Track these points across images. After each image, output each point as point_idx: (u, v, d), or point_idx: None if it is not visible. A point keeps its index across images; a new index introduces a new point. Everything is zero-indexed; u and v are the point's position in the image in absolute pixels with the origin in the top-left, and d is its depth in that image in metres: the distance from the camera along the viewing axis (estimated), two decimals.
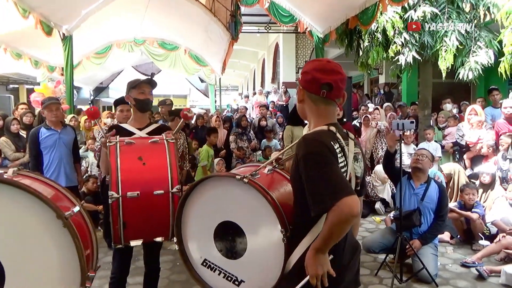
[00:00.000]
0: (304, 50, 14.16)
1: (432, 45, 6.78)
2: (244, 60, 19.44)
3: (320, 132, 1.55)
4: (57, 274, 1.68)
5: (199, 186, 1.94)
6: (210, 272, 1.94)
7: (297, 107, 1.73)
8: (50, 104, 4.30)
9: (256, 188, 1.70)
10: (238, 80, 26.39)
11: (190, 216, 2.01)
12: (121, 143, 2.20)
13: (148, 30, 10.04)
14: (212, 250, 1.90)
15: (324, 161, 1.44)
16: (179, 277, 4.02)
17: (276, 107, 11.84)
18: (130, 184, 2.08)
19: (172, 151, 2.29)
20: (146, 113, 2.87)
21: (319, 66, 1.59)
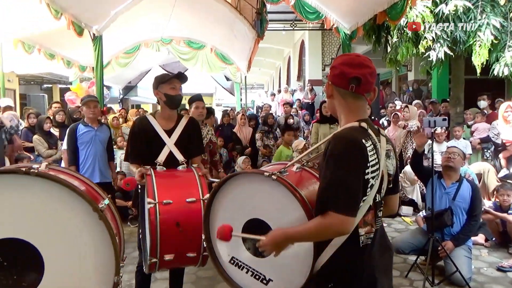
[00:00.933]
0: (330, 47, 14.00)
1: (464, 40, 6.55)
2: (269, 58, 19.41)
3: (351, 129, 1.51)
4: (93, 264, 1.74)
5: (227, 184, 1.94)
6: (238, 270, 1.92)
7: (327, 102, 1.71)
8: (89, 101, 4.46)
9: (284, 185, 1.67)
10: (263, 78, 26.38)
11: (218, 214, 2.01)
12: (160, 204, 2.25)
13: (174, 29, 10.16)
14: (240, 248, 1.89)
15: (343, 166, 1.42)
16: (206, 273, 4.04)
17: (302, 105, 11.76)
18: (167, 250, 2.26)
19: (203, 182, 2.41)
20: (175, 110, 2.82)
21: (347, 60, 1.57)
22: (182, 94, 2.84)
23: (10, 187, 1.65)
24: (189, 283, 3.69)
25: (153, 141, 2.67)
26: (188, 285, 3.61)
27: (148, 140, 2.66)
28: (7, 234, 1.62)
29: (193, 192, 2.36)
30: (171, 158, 2.64)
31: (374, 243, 1.56)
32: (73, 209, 1.68)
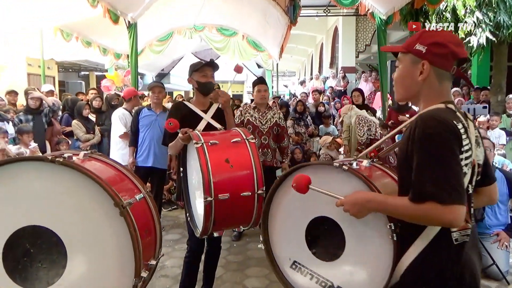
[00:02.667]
0: (364, 33, 13.65)
1: (509, 24, 6.22)
2: (301, 45, 19.16)
3: (438, 110, 1.33)
4: (114, 261, 1.69)
5: (288, 179, 1.76)
6: (301, 276, 1.73)
7: (407, 85, 1.43)
8: (154, 87, 4.63)
9: (357, 176, 1.51)
10: (295, 66, 26.12)
11: (278, 212, 1.83)
12: (207, 144, 2.23)
13: (207, 16, 10.20)
14: (303, 250, 1.70)
15: (441, 147, 1.23)
16: (235, 258, 4.12)
17: (334, 92, 11.58)
18: (221, 188, 2.13)
19: (254, 152, 2.30)
20: (208, 96, 2.89)
21: (453, 39, 1.40)
22: (215, 82, 2.89)
23: (36, 175, 1.66)
24: (219, 266, 3.75)
25: (191, 119, 2.72)
26: (218, 268, 3.67)
27: (186, 120, 2.70)
28: (33, 222, 1.64)
29: (237, 135, 2.36)
30: (210, 129, 2.69)
31: (468, 244, 1.34)
32: (97, 201, 1.65)
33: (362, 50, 13.78)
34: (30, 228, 1.65)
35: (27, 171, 1.67)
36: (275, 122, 4.57)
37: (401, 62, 1.45)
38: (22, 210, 1.66)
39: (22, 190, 1.66)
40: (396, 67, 1.49)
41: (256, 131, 4.45)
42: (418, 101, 1.44)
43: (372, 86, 10.86)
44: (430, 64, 1.37)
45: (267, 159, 4.48)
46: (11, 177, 1.66)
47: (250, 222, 2.34)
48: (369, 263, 1.52)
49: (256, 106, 4.58)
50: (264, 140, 4.49)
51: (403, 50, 1.43)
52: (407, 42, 1.45)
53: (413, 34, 1.46)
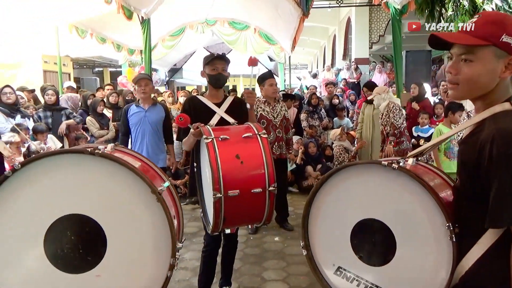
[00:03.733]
0: (378, 23, 13.46)
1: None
2: (313, 37, 19.02)
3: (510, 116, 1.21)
4: (151, 244, 1.80)
5: (331, 179, 1.69)
6: (347, 283, 1.65)
7: (485, 85, 1.26)
8: (139, 80, 4.23)
9: (410, 175, 1.42)
10: (307, 58, 25.95)
11: (320, 215, 1.76)
12: (217, 139, 2.20)
13: (219, 10, 10.18)
14: (348, 255, 1.63)
15: None
16: (252, 250, 4.15)
17: (347, 84, 11.49)
18: (231, 184, 2.10)
19: (266, 147, 2.26)
20: (220, 89, 2.91)
21: None
22: (227, 74, 2.88)
23: (77, 166, 1.74)
24: (237, 259, 3.78)
25: (204, 113, 2.74)
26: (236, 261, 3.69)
27: (199, 115, 2.71)
28: (74, 210, 1.72)
29: (249, 129, 2.32)
30: (223, 123, 2.70)
31: None
32: (134, 190, 1.74)
33: (376, 41, 13.59)
34: (72, 217, 1.73)
35: (68, 163, 1.75)
36: (283, 115, 4.61)
37: (476, 56, 1.24)
38: (64, 200, 1.75)
39: (63, 181, 1.75)
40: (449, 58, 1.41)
41: (270, 125, 4.47)
42: (480, 100, 1.30)
43: (386, 77, 10.73)
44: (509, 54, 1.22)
45: (283, 152, 4.52)
46: (53, 169, 1.74)
47: (262, 220, 2.31)
48: (424, 267, 1.43)
49: (266, 100, 4.59)
50: (278, 134, 4.51)
51: (483, 43, 1.22)
52: (484, 31, 1.23)
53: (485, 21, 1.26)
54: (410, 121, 6.40)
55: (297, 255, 3.90)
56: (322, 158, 6.93)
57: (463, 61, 1.27)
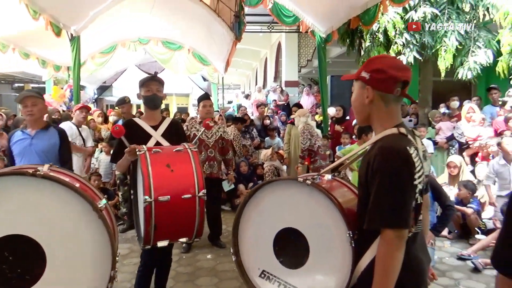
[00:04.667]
0: (306, 49, 14.29)
1: (432, 45, 6.92)
2: (246, 59, 19.57)
3: (394, 138, 1.47)
4: (91, 259, 1.84)
5: (257, 193, 1.91)
6: (269, 284, 1.85)
7: (358, 108, 1.60)
8: (24, 98, 3.26)
9: (319, 190, 1.64)
10: (240, 79, 26.52)
11: (248, 225, 1.96)
12: (149, 152, 2.32)
13: (152, 30, 10.19)
14: (271, 260, 1.83)
15: (395, 182, 1.38)
16: (185, 269, 4.18)
17: (278, 106, 11.98)
18: (161, 189, 2.18)
19: (196, 158, 2.40)
20: (157, 110, 2.95)
21: (393, 63, 1.53)
22: (162, 95, 2.92)
23: (17, 187, 1.76)
24: (169, 278, 3.80)
25: (141, 136, 2.77)
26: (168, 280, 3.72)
27: (135, 138, 2.75)
28: (13, 231, 1.73)
29: (181, 146, 2.47)
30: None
31: (414, 244, 1.50)
32: (74, 209, 1.80)
33: (304, 65, 14.39)
34: (10, 238, 1.73)
35: (8, 184, 1.76)
36: (220, 136, 4.75)
37: (354, 88, 1.61)
38: (4, 221, 1.74)
39: (5, 202, 1.76)
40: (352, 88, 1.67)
41: (203, 145, 4.59)
42: (372, 124, 1.59)
43: (314, 99, 11.37)
44: (373, 89, 1.52)
45: (214, 171, 4.63)
46: None
47: (194, 230, 2.37)
48: (331, 268, 1.65)
49: (201, 121, 4.73)
50: (210, 153, 4.63)
51: (354, 77, 1.59)
52: (358, 70, 1.61)
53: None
54: (334, 141, 6.91)
55: (229, 271, 4.02)
56: (254, 176, 7.15)
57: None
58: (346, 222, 1.56)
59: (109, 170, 6.31)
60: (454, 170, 5.29)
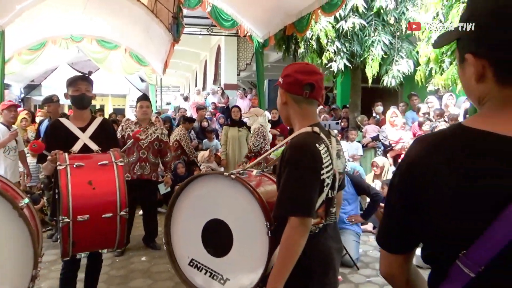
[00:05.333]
0: (245, 53, 14.51)
1: (360, 53, 7.40)
2: (186, 61, 19.41)
3: (305, 135, 1.60)
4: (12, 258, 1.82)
5: (188, 186, 2.01)
6: (197, 271, 1.97)
7: (280, 110, 1.77)
8: None
9: (242, 183, 1.77)
10: (179, 81, 26.19)
11: (179, 216, 2.06)
12: (71, 166, 2.25)
13: (86, 27, 9.77)
14: (199, 249, 1.95)
15: (301, 174, 1.50)
16: (118, 272, 4.11)
17: (217, 108, 12.06)
18: (80, 209, 2.16)
19: (121, 174, 2.37)
20: (85, 110, 2.89)
21: (300, 68, 1.67)
22: (91, 95, 2.87)
23: None
24: (101, 282, 3.72)
25: (67, 139, 2.70)
26: (100, 284, 3.64)
27: (61, 140, 2.69)
28: None
29: (106, 157, 2.42)
30: (86, 150, 2.70)
31: (324, 233, 1.63)
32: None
33: (244, 69, 14.61)
34: None
35: None
36: (156, 138, 4.71)
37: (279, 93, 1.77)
38: None
39: None
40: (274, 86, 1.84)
41: (135, 146, 4.53)
42: (292, 124, 1.73)
43: (249, 102, 11.60)
44: (285, 91, 1.69)
45: (145, 173, 4.59)
46: None
47: (114, 244, 2.38)
48: (251, 257, 1.78)
49: (137, 122, 4.69)
50: (142, 154, 4.58)
51: (277, 84, 1.75)
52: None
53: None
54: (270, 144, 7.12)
55: (164, 272, 4.02)
56: None
57: None
58: (264, 213, 1.69)
59: (35, 173, 5.99)
60: (377, 170, 5.73)
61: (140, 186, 4.58)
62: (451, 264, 0.79)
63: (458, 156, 0.79)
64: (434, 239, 0.84)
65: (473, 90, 0.86)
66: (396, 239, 0.95)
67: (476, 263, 0.75)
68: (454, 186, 0.78)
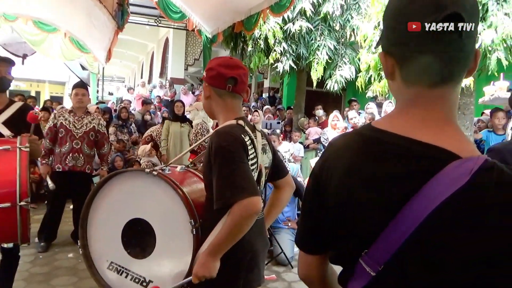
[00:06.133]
0: (194, 48, 14.31)
1: (306, 56, 7.54)
2: (132, 51, 18.77)
3: (230, 126, 1.60)
4: None
5: (107, 184, 1.87)
6: (117, 275, 1.83)
7: (204, 104, 1.75)
8: None
9: (165, 180, 1.68)
10: (125, 72, 25.29)
11: (97, 217, 1.91)
12: None
13: (21, 6, 9.07)
14: (119, 251, 1.82)
15: (233, 158, 1.48)
16: (41, 269, 3.85)
17: (162, 101, 11.76)
18: None
19: (23, 161, 2.16)
20: (3, 94, 2.73)
21: (223, 62, 1.66)
22: (11, 78, 2.71)
23: None
24: (20, 280, 3.47)
25: None
26: (19, 282, 3.40)
27: None
28: None
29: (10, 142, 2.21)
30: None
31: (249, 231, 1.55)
32: None
33: (192, 64, 14.39)
34: None
35: None
36: (92, 128, 4.47)
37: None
38: None
39: None
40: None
41: (69, 135, 4.30)
42: (217, 119, 1.71)
43: (193, 98, 11.46)
44: (208, 85, 1.68)
45: (78, 164, 4.34)
46: None
47: (17, 237, 2.20)
48: (174, 256, 1.71)
49: (72, 110, 4.43)
50: (76, 145, 4.33)
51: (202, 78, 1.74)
52: None
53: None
54: None
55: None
56: None
57: None
58: (188, 210, 1.62)
59: None
60: None
61: (72, 178, 4.34)
62: (356, 263, 0.80)
63: (359, 158, 0.80)
64: (339, 240, 0.85)
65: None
66: (311, 240, 0.95)
67: (376, 262, 0.76)
68: (352, 187, 0.79)
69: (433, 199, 0.70)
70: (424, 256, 0.72)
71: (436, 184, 0.70)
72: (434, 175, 0.71)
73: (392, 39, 0.81)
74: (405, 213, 0.72)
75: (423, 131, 0.76)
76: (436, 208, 0.69)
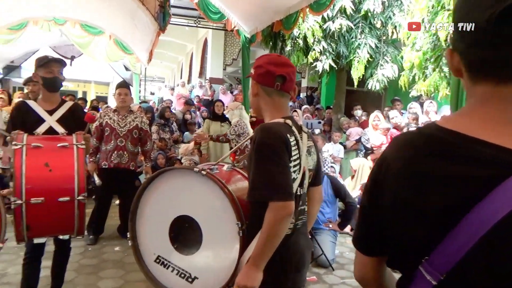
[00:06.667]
0: (232, 47, 14.42)
1: (346, 55, 7.43)
2: (172, 52, 19.17)
3: (277, 123, 1.57)
4: None
5: (156, 180, 1.92)
6: (163, 269, 1.88)
7: (251, 101, 1.73)
8: None
9: (213, 180, 1.70)
10: (165, 72, 25.89)
11: (146, 211, 1.97)
12: (28, 146, 2.14)
13: (70, 10, 9.51)
14: (166, 246, 1.87)
15: (272, 155, 1.46)
16: (90, 261, 4.03)
17: (201, 101, 11.96)
18: (34, 191, 2.06)
19: (81, 157, 2.27)
20: (56, 93, 2.83)
21: (272, 59, 1.64)
22: (63, 78, 2.82)
23: None
24: (71, 270, 3.65)
25: (32, 121, 2.63)
26: (70, 272, 3.57)
27: (26, 123, 2.60)
28: None
29: (67, 139, 2.31)
30: (52, 133, 2.62)
31: (295, 232, 1.59)
32: None
33: (230, 64, 14.51)
34: None
35: None
36: (135, 126, 4.62)
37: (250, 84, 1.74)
38: None
39: None
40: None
41: (113, 133, 4.47)
42: (264, 116, 1.69)
43: (232, 98, 11.56)
44: (257, 83, 1.66)
45: (122, 162, 4.50)
46: None
47: (74, 230, 2.30)
48: (220, 256, 1.73)
49: (116, 109, 4.60)
50: (120, 143, 4.49)
51: (249, 76, 1.72)
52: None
53: None
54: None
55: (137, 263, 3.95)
56: None
57: None
58: (235, 211, 1.64)
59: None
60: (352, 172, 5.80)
61: (117, 175, 4.50)
62: (415, 269, 0.76)
63: (420, 158, 0.76)
64: (395, 242, 0.82)
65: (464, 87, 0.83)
66: (367, 240, 0.93)
67: (437, 270, 0.72)
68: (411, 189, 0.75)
69: (502, 206, 0.65)
70: (490, 265, 0.68)
71: (506, 189, 0.66)
72: (504, 180, 0.67)
73: (455, 34, 0.79)
74: (470, 219, 0.68)
75: (491, 133, 0.72)
76: (505, 216, 0.65)
